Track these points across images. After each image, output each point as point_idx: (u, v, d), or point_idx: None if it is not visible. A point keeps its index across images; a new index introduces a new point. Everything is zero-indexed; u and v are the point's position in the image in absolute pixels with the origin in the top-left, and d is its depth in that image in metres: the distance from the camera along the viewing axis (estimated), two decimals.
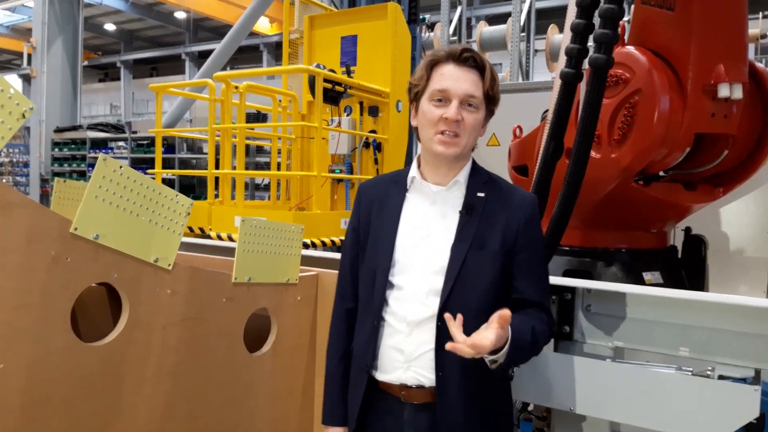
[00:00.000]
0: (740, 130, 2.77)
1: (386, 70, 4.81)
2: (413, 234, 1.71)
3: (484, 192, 1.73)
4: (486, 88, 1.68)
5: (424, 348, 1.66)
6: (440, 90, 1.65)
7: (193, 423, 1.75)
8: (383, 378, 1.71)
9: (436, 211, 1.73)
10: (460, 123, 1.64)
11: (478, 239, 1.67)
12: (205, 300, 1.75)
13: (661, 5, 2.66)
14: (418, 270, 1.69)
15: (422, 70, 1.73)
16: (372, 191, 1.84)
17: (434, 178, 1.74)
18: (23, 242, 1.31)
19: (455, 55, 1.68)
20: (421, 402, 1.67)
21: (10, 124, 1.27)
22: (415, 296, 1.68)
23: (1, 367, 1.30)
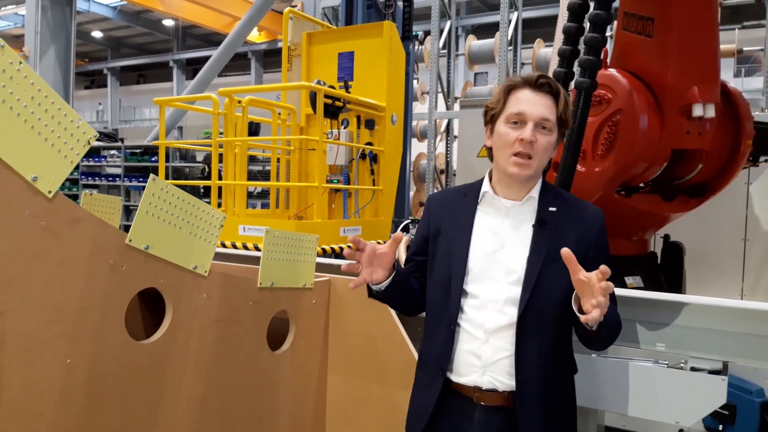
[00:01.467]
0: (713, 146, 3.02)
1: (382, 85, 5.03)
2: (487, 245, 1.76)
3: (555, 207, 1.78)
4: (559, 112, 1.74)
5: (500, 354, 1.71)
6: (517, 113, 1.71)
7: (224, 415, 1.95)
8: (458, 380, 1.75)
9: (509, 225, 1.78)
10: (534, 144, 1.69)
11: (552, 252, 1.70)
12: (235, 303, 1.94)
13: (640, 32, 2.90)
14: (494, 280, 1.74)
15: (500, 95, 1.79)
16: (442, 202, 1.92)
17: (506, 194, 1.80)
18: (88, 252, 1.51)
19: (532, 81, 1.74)
20: (493, 405, 1.72)
21: (78, 150, 1.47)
22: (492, 305, 1.73)
23: (69, 362, 1.49)
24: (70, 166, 1.45)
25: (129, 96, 33.06)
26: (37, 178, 1.38)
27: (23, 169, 1.35)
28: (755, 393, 2.75)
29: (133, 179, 11.82)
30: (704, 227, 4.35)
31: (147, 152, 11.94)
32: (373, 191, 5.16)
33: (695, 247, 4.21)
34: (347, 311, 2.35)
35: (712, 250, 4.40)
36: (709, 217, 4.26)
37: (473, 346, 1.73)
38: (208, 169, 10.35)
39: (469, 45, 8.03)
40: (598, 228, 1.80)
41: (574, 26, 2.64)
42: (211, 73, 11.54)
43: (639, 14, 2.87)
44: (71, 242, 1.47)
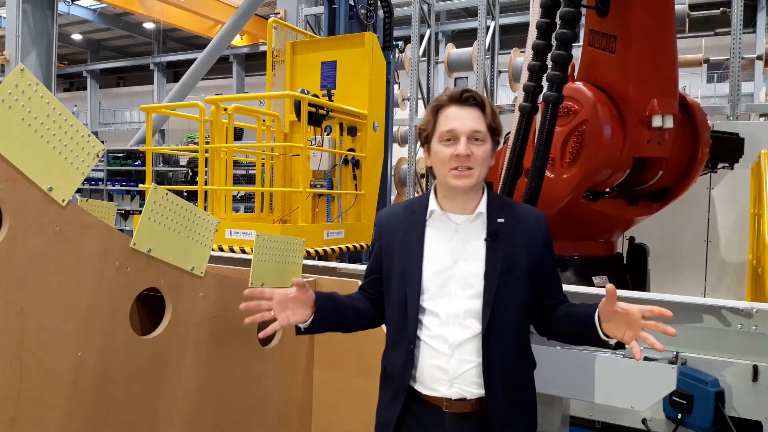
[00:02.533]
0: (673, 154, 3.25)
1: (364, 94, 5.20)
2: (440, 261, 1.80)
3: (503, 217, 1.83)
4: (488, 121, 1.79)
5: (466, 366, 1.76)
6: (448, 131, 1.76)
7: (218, 405, 2.10)
8: (425, 392, 1.80)
9: (460, 240, 1.82)
10: (470, 157, 1.74)
11: (506, 263, 1.78)
12: (228, 302, 2.10)
13: (604, 48, 3.12)
14: (452, 295, 1.79)
15: (428, 115, 1.84)
16: (390, 220, 1.95)
17: (453, 208, 1.84)
18: (97, 255, 1.66)
19: (457, 97, 1.80)
20: (462, 412, 1.76)
21: (88, 162, 1.62)
22: (454, 320, 1.77)
23: (80, 355, 1.63)
24: (81, 177, 1.60)
25: (109, 99, 32.86)
26: (52, 188, 1.53)
27: (40, 180, 1.50)
28: (710, 383, 2.95)
29: (116, 183, 11.85)
30: (669, 230, 4.58)
31: (129, 156, 11.98)
32: (356, 195, 5.33)
33: (661, 248, 4.45)
34: None
35: (677, 251, 4.64)
36: (674, 220, 4.49)
37: (439, 361, 1.77)
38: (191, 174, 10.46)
39: (448, 53, 8.24)
40: (544, 230, 1.88)
41: (542, 43, 2.84)
42: (194, 77, 11.64)
43: (603, 32, 3.08)
44: (82, 246, 1.62)
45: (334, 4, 5.70)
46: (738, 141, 3.70)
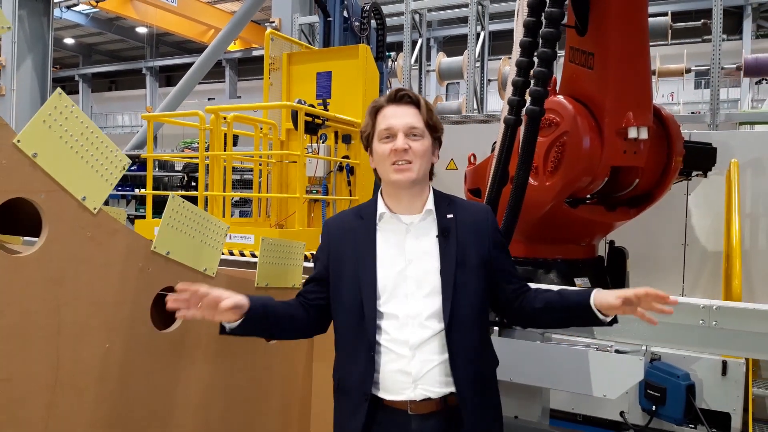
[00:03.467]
0: (648, 163, 3.46)
1: (358, 103, 5.41)
2: (394, 264, 1.82)
3: (451, 213, 1.87)
4: (425, 118, 1.83)
5: (429, 366, 1.77)
6: (386, 128, 1.81)
7: (227, 395, 2.29)
8: (389, 398, 1.79)
9: (412, 239, 1.85)
10: (409, 151, 1.78)
11: (460, 258, 1.81)
12: None
13: (583, 64, 3.33)
14: (408, 296, 1.80)
15: (368, 118, 1.90)
16: (339, 226, 1.97)
17: (400, 208, 1.87)
18: (122, 257, 1.85)
19: (392, 97, 1.86)
20: (427, 412, 1.77)
21: (116, 174, 1.82)
22: (413, 320, 1.78)
23: (108, 347, 1.82)
24: (110, 188, 1.79)
25: (101, 103, 32.91)
26: (85, 197, 1.72)
27: (75, 190, 1.70)
28: (682, 377, 3.19)
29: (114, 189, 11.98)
30: (648, 234, 4.81)
31: None
32: (350, 201, 5.53)
33: (640, 251, 4.68)
34: None
35: (656, 254, 4.87)
36: (653, 225, 4.72)
37: (401, 364, 1.77)
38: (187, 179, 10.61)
39: (440, 62, 8.47)
40: (491, 221, 1.93)
41: (525, 61, 3.05)
42: (190, 83, 11.83)
43: (582, 49, 3.30)
44: (110, 249, 1.81)
45: (329, 17, 5.91)
46: (710, 150, 3.93)
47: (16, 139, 1.55)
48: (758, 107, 14.56)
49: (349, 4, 5.76)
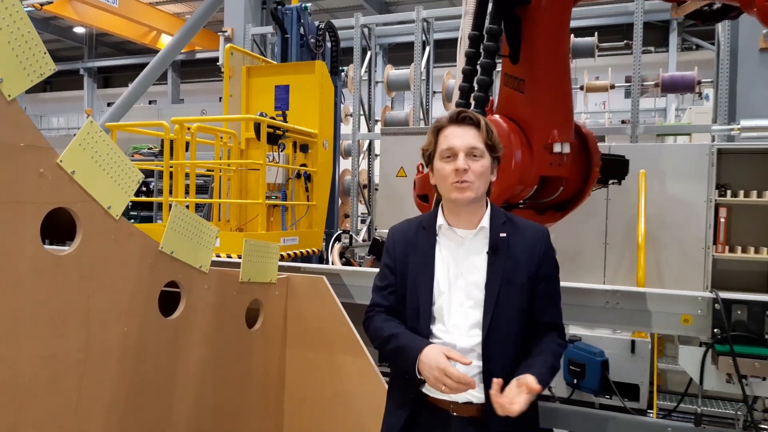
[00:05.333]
0: (571, 173, 4.03)
1: (315, 115, 5.82)
2: (448, 273, 1.91)
3: (505, 232, 1.93)
4: (485, 138, 1.91)
5: (471, 372, 1.84)
6: (447, 148, 1.89)
7: (218, 376, 2.67)
8: (434, 394, 1.88)
9: (465, 253, 1.93)
10: (469, 171, 1.86)
11: (506, 275, 1.87)
12: (225, 292, 2.68)
13: (515, 89, 3.87)
14: (457, 305, 1.89)
15: (430, 136, 1.98)
16: (403, 235, 2.06)
17: (458, 223, 1.96)
18: (137, 256, 2.22)
19: (454, 117, 1.94)
20: (468, 416, 1.86)
21: (133, 187, 2.19)
22: (458, 329, 1.88)
23: (125, 330, 2.19)
24: (128, 198, 2.16)
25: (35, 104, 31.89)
26: (110, 207, 2.09)
27: (103, 201, 2.06)
28: (597, 354, 3.76)
29: None
30: (575, 234, 5.43)
31: None
32: (308, 206, 5.93)
33: (568, 249, 5.29)
34: (301, 300, 3.12)
35: (581, 252, 5.50)
36: (579, 226, 5.35)
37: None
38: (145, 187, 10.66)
39: (388, 74, 8.96)
40: (545, 246, 1.98)
41: (467, 86, 3.56)
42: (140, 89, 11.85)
43: (514, 75, 3.83)
44: (128, 249, 2.18)
45: (286, 33, 6.29)
46: (624, 162, 4.55)
47: (59, 160, 1.92)
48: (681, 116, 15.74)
49: (306, 22, 6.16)
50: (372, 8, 20.84)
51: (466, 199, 1.90)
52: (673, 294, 2.54)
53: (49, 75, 1.86)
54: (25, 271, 1.80)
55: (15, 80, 1.75)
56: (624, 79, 8.67)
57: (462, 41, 3.77)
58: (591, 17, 10.65)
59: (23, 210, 1.78)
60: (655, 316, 2.62)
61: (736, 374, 2.34)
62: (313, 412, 3.09)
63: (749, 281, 5.49)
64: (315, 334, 3.09)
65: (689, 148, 5.56)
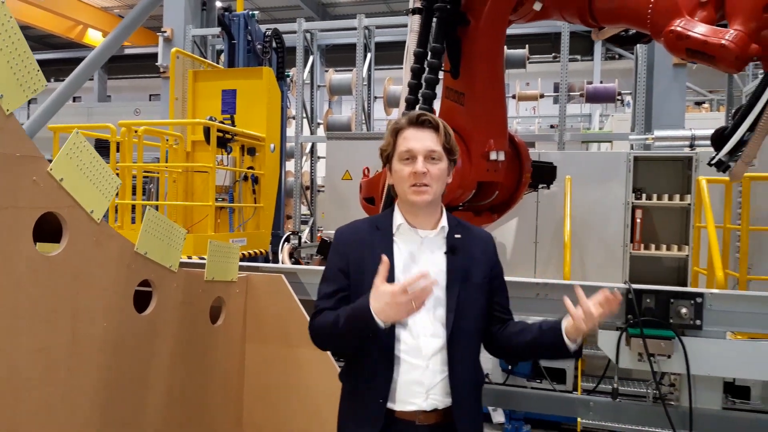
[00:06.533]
0: (505, 179, 4.41)
1: (262, 120, 6.00)
2: (409, 273, 1.86)
3: (460, 234, 1.98)
4: (443, 141, 1.91)
5: (439, 377, 1.85)
6: (406, 150, 1.89)
7: (186, 368, 2.86)
8: (400, 408, 1.86)
9: (424, 252, 1.94)
10: (427, 174, 1.86)
11: (465, 275, 1.90)
12: (192, 290, 2.87)
13: (456, 101, 4.21)
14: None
15: (389, 137, 1.97)
16: (354, 236, 2.02)
17: (417, 222, 1.95)
18: (116, 256, 2.39)
19: (414, 120, 1.94)
20: (434, 422, 1.86)
21: (112, 192, 2.36)
22: (425, 330, 1.86)
23: (105, 325, 2.36)
24: (108, 203, 2.34)
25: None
26: (93, 211, 2.26)
27: (86, 206, 2.23)
28: None
29: None
30: (509, 234, 5.87)
31: None
32: (255, 208, 6.10)
33: (503, 248, 5.72)
34: (259, 297, 3.34)
35: (515, 250, 5.94)
36: (512, 227, 5.78)
37: (415, 375, 1.86)
38: None
39: (330, 79, 9.20)
40: (493, 247, 2.08)
41: (412, 98, 3.87)
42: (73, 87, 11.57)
43: (455, 89, 4.18)
44: (108, 250, 2.35)
45: (233, 39, 6.44)
46: (552, 168, 4.98)
47: (50, 168, 2.08)
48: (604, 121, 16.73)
49: (253, 29, 6.32)
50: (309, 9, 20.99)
51: (424, 202, 1.92)
52: (594, 286, 2.92)
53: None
54: (23, 271, 1.96)
55: (13, 96, 1.91)
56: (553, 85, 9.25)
57: (407, 57, 4.08)
58: (522, 26, 11.24)
59: (21, 215, 1.95)
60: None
61: (645, 353, 2.74)
62: (271, 401, 3.32)
63: (661, 275, 6.10)
64: (273, 329, 3.31)
65: (609, 156, 6.12)
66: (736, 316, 2.76)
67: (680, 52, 2.89)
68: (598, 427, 4.33)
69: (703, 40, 2.75)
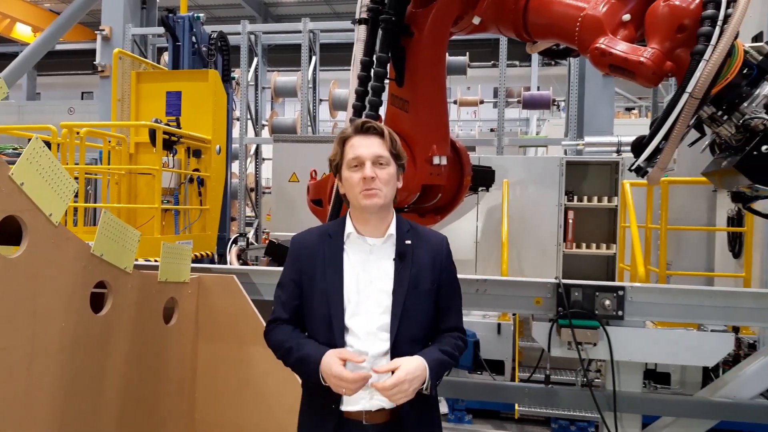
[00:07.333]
0: (447, 182, 4.63)
1: (208, 122, 6.02)
2: (358, 281, 1.94)
3: (410, 239, 2.00)
4: (389, 147, 1.96)
5: (384, 377, 1.86)
6: (354, 158, 1.93)
7: (141, 366, 2.93)
8: (348, 408, 1.93)
9: (374, 260, 1.97)
10: (376, 179, 1.90)
11: (413, 280, 1.93)
12: (146, 291, 2.94)
13: (401, 108, 4.39)
14: (368, 312, 1.92)
15: (336, 147, 2.01)
16: (306, 244, 2.08)
17: (367, 230, 2.00)
18: (73, 258, 2.45)
19: (359, 128, 1.99)
20: (381, 422, 1.92)
21: (69, 196, 2.42)
22: (368, 336, 1.91)
23: (63, 325, 2.42)
24: (65, 206, 2.40)
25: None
26: (51, 214, 2.32)
27: (45, 209, 2.28)
28: (470, 336, 4.39)
29: None
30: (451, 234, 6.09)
31: None
32: (201, 210, 6.12)
33: None
34: (212, 297, 3.43)
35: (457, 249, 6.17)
36: (455, 227, 6.03)
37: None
38: None
39: (275, 81, 9.26)
40: (446, 253, 2.10)
41: (359, 105, 4.03)
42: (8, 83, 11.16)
43: (400, 96, 4.37)
44: (65, 251, 2.41)
45: (178, 41, 6.43)
46: (491, 172, 5.25)
47: (11, 173, 2.13)
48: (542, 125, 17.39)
49: (197, 31, 6.33)
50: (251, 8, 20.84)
51: (375, 206, 1.96)
52: (528, 281, 3.18)
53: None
54: None
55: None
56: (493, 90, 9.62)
57: (354, 65, 4.24)
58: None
59: None
60: (515, 299, 3.26)
61: (574, 342, 3.00)
62: (224, 398, 3.42)
63: (592, 271, 6.50)
64: (225, 328, 3.41)
65: (544, 160, 6.47)
66: (654, 307, 3.07)
67: (604, 68, 3.17)
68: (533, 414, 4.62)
69: (623, 57, 3.03)
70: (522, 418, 4.65)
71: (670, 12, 2.97)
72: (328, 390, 1.92)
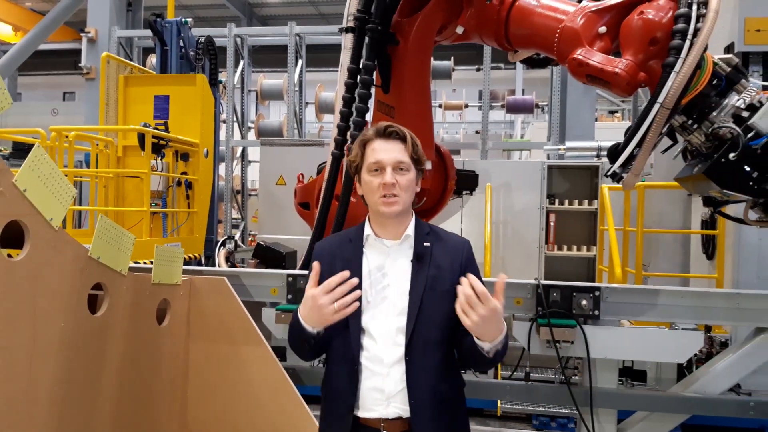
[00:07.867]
0: (432, 186, 4.76)
1: (196, 126, 6.09)
2: (375, 284, 1.92)
3: (429, 242, 1.97)
4: (410, 152, 1.95)
5: (400, 385, 1.84)
6: (375, 162, 1.91)
7: (136, 366, 3.01)
8: (364, 415, 1.89)
9: (392, 262, 1.96)
10: (396, 185, 1.88)
11: (430, 282, 1.89)
12: (140, 292, 3.03)
13: (387, 114, 4.52)
14: (385, 314, 1.89)
15: (356, 149, 2.00)
16: (330, 250, 2.08)
17: (385, 233, 1.98)
18: (71, 260, 2.54)
19: (381, 131, 1.97)
20: (399, 431, 1.87)
21: (69, 200, 2.51)
22: (386, 337, 1.87)
23: (62, 325, 2.50)
24: (65, 211, 2.49)
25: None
26: (51, 219, 2.41)
27: (46, 214, 2.37)
28: None
29: None
30: None
31: None
32: (188, 213, 6.19)
33: None
34: (203, 298, 3.51)
35: None
36: None
37: (376, 381, 1.87)
38: None
39: (261, 83, 9.34)
40: (467, 256, 2.04)
41: (347, 111, 4.15)
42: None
43: (386, 103, 4.49)
44: (64, 255, 2.50)
45: (165, 45, 6.49)
46: (474, 176, 5.39)
47: (15, 179, 2.22)
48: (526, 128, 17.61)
49: (185, 36, 6.40)
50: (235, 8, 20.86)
51: (394, 213, 1.95)
52: (509, 282, 3.30)
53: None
54: None
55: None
56: (478, 92, 9.78)
57: (341, 72, 4.36)
58: None
59: None
60: None
61: (552, 340, 3.14)
62: (215, 397, 3.50)
63: (573, 272, 6.67)
64: (217, 329, 3.50)
65: (526, 165, 6.64)
66: (629, 306, 3.22)
67: (581, 77, 3.33)
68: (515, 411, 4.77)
69: (600, 67, 3.19)
70: (504, 416, 4.79)
71: (643, 25, 3.13)
72: (344, 395, 1.92)
